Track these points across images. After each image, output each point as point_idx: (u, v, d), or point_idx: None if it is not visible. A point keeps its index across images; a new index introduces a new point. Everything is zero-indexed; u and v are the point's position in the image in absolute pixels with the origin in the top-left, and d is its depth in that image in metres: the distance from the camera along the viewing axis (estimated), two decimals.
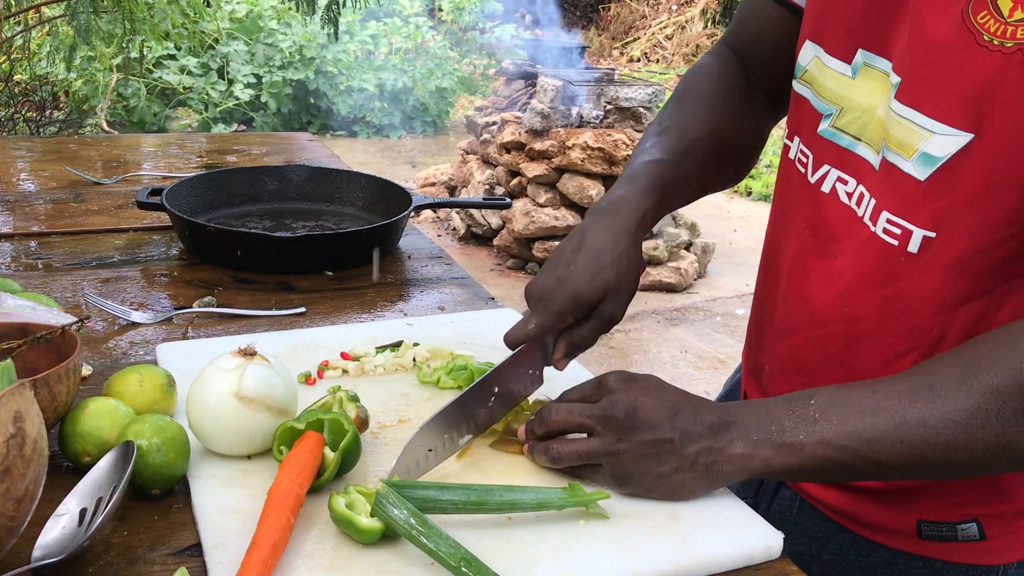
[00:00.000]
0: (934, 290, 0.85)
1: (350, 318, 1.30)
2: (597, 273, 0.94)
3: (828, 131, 0.93)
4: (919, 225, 0.84)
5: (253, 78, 7.84)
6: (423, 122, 8.70)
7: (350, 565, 0.76)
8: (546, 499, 0.83)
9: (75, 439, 0.86)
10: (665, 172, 1.03)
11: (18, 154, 2.15)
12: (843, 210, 0.92)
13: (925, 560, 0.94)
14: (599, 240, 0.96)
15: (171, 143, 2.37)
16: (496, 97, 6.04)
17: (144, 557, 0.78)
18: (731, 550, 0.82)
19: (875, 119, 0.88)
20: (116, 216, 1.68)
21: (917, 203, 0.83)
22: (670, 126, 1.09)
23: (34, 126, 6.07)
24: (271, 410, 0.89)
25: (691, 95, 1.13)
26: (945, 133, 0.79)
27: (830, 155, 0.93)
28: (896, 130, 0.84)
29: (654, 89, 5.27)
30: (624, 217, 0.98)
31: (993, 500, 0.91)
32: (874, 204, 0.88)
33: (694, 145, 1.07)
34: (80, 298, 1.29)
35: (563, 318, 0.95)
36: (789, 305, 1.00)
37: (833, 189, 0.93)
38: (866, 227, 0.89)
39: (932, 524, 0.93)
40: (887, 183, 0.86)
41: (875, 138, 0.88)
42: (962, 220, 0.81)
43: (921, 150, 0.81)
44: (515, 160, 5.15)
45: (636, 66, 11.40)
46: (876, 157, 0.88)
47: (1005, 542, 0.93)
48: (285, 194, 1.75)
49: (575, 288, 0.94)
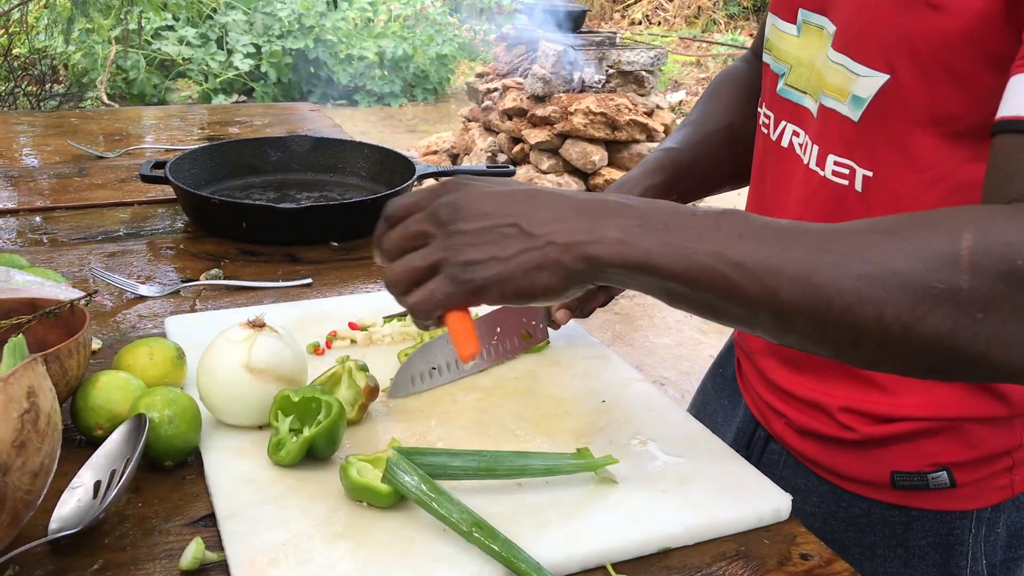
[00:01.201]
0: None
1: (357, 288, 1.30)
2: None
3: (783, 89, 0.98)
4: (860, 164, 0.88)
5: (252, 48, 7.79)
6: (424, 90, 8.65)
7: (364, 532, 0.77)
8: (555, 464, 0.84)
9: (87, 413, 0.87)
10: (675, 158, 1.10)
11: (20, 129, 2.14)
12: (796, 161, 0.96)
13: (900, 508, 0.97)
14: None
15: (172, 115, 2.36)
16: (497, 63, 6.00)
17: (159, 528, 0.79)
18: (740, 512, 0.82)
19: (814, 71, 0.92)
20: (120, 190, 1.68)
21: (855, 143, 0.88)
22: (690, 122, 1.17)
23: (34, 100, 6.05)
24: (281, 380, 0.90)
25: (716, 95, 1.21)
26: (867, 75, 0.84)
27: (785, 111, 0.98)
28: (832, 77, 0.88)
29: (656, 52, 5.23)
30: (627, 189, 1.06)
31: (961, 449, 0.94)
32: (817, 150, 0.92)
33: (709, 136, 1.14)
34: (87, 272, 1.30)
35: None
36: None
37: (790, 143, 0.98)
38: (815, 173, 0.92)
39: (904, 475, 0.95)
40: (827, 127, 0.90)
41: (813, 88, 0.93)
42: (892, 158, 0.85)
43: (852, 92, 0.86)
44: (517, 126, 5.13)
45: (638, 29, 11.30)
46: (814, 105, 0.92)
47: (974, 489, 0.95)
48: (288, 165, 1.75)
49: None
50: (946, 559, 0.97)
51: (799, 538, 0.82)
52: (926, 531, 0.97)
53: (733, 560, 0.78)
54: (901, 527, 0.97)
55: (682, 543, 0.80)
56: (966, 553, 0.97)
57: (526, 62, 5.58)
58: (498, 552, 0.72)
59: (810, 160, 0.93)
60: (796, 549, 0.80)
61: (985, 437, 0.93)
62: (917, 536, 0.97)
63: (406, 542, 0.76)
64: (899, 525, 0.97)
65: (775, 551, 0.80)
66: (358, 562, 0.73)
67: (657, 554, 0.79)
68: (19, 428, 0.65)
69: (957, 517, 0.96)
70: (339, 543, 0.75)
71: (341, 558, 0.74)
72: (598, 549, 0.77)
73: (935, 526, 0.96)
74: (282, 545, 0.75)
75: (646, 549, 0.78)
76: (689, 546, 0.80)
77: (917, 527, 0.97)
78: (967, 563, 0.97)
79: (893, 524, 0.98)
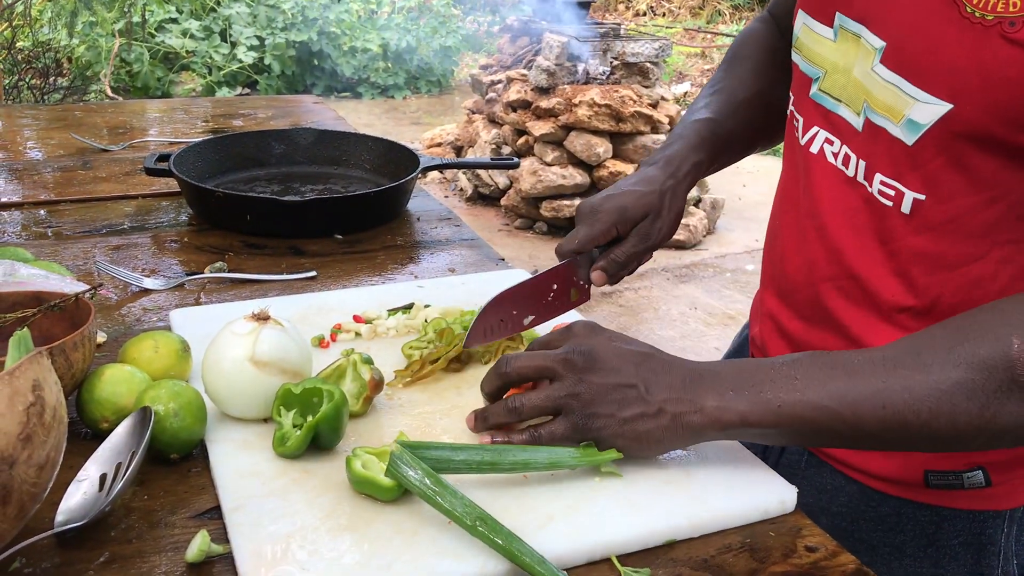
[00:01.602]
0: (927, 251, 0.87)
1: (361, 281, 1.30)
2: (644, 195, 1.06)
3: (816, 94, 0.96)
4: (910, 188, 0.86)
5: (256, 40, 7.78)
6: (428, 82, 8.64)
7: (368, 525, 0.77)
8: (559, 458, 0.83)
9: (93, 406, 0.87)
10: (715, 129, 1.13)
11: (24, 122, 2.14)
12: (830, 170, 0.94)
13: (932, 508, 0.96)
14: (651, 174, 1.09)
15: (176, 108, 2.36)
16: (501, 55, 5.99)
17: (165, 520, 0.79)
18: (745, 505, 0.82)
19: (852, 80, 0.90)
20: (124, 183, 1.68)
21: (907, 166, 0.85)
22: (721, 88, 1.18)
23: (38, 93, 6.05)
24: (286, 373, 0.90)
25: (740, 58, 1.22)
26: (927, 101, 0.81)
27: (818, 117, 0.96)
28: (882, 94, 0.85)
29: (661, 43, 5.21)
30: (675, 166, 1.10)
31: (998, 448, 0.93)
32: (864, 165, 0.90)
33: (742, 105, 1.16)
34: (92, 266, 1.30)
35: (608, 228, 1.05)
36: (787, 265, 1.03)
37: (821, 150, 0.95)
38: (862, 186, 0.90)
39: (939, 473, 0.94)
40: (875, 146, 0.88)
41: (854, 99, 0.90)
42: (949, 182, 0.84)
43: (907, 116, 0.83)
44: (521, 119, 5.12)
45: (642, 20, 11.27)
46: (857, 119, 0.90)
47: (1009, 487, 0.94)
48: (292, 158, 1.75)
49: (622, 202, 1.06)
50: (977, 559, 0.96)
51: (804, 530, 0.82)
52: (958, 531, 0.95)
53: (738, 552, 0.78)
54: (932, 527, 0.96)
55: (687, 535, 0.80)
56: (998, 553, 0.95)
57: (530, 54, 5.56)
58: (502, 545, 0.72)
59: (857, 174, 0.91)
60: (801, 541, 0.80)
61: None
62: (948, 536, 0.96)
63: (410, 535, 0.76)
64: (930, 525, 0.96)
65: (780, 543, 0.80)
66: (363, 554, 0.73)
67: (662, 546, 0.79)
68: (25, 421, 0.65)
69: (990, 516, 0.95)
70: (344, 535, 0.76)
71: (346, 550, 0.74)
72: (603, 541, 0.77)
73: (967, 526, 0.95)
74: (287, 537, 0.75)
75: (651, 541, 0.78)
76: (694, 538, 0.80)
77: (948, 527, 0.96)
78: (999, 563, 0.96)
79: (924, 524, 0.96)
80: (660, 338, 3.91)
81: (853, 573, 0.77)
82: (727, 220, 5.35)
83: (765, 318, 1.10)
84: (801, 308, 1.01)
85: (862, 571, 0.77)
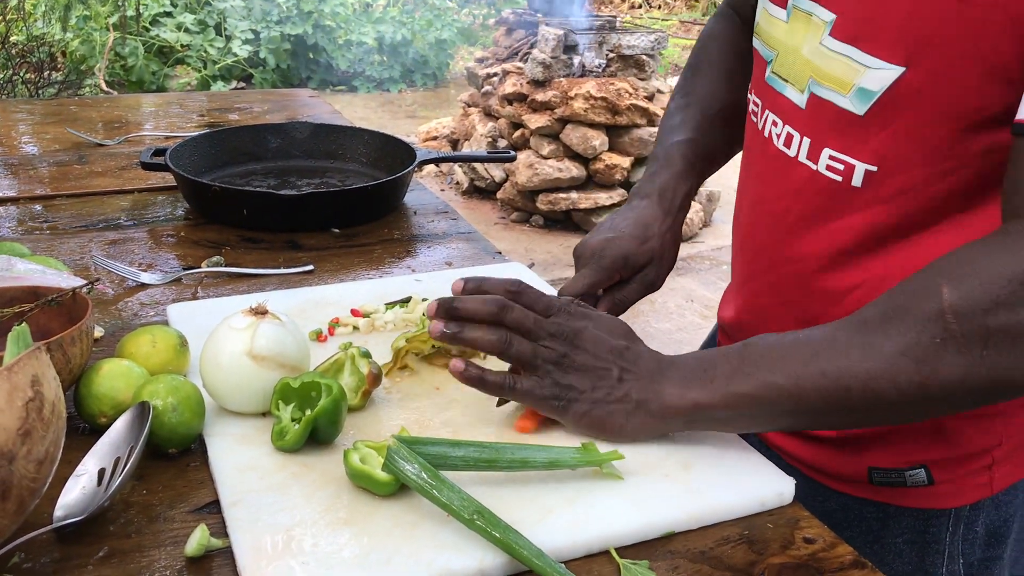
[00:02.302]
0: (878, 223, 0.87)
1: (358, 275, 1.30)
2: (646, 240, 1.06)
3: (769, 77, 0.96)
4: (861, 159, 0.86)
5: (251, 34, 7.76)
6: (423, 75, 8.62)
7: (367, 518, 0.77)
8: (558, 458, 0.83)
9: (91, 400, 0.87)
10: (697, 150, 1.13)
11: (19, 117, 2.14)
12: (776, 153, 0.95)
13: (878, 505, 0.96)
14: (648, 215, 1.08)
15: (171, 102, 2.36)
16: (497, 48, 5.98)
17: (164, 515, 0.79)
18: (743, 497, 0.83)
19: (799, 59, 0.90)
20: (120, 177, 1.68)
21: (857, 138, 0.85)
22: (693, 100, 1.17)
23: (33, 88, 6.03)
24: (284, 368, 0.90)
25: (708, 63, 1.20)
26: (878, 67, 0.81)
27: (768, 100, 0.97)
28: (830, 67, 0.86)
29: (657, 36, 5.21)
30: (668, 201, 1.09)
31: (939, 446, 0.93)
32: (809, 143, 0.90)
33: (717, 118, 1.15)
34: (88, 260, 1.30)
35: (611, 274, 1.03)
36: (745, 254, 1.05)
37: (769, 134, 0.96)
38: (805, 166, 0.91)
39: (881, 471, 0.95)
40: (819, 121, 0.88)
41: (799, 77, 0.90)
42: (902, 152, 0.83)
43: (858, 85, 0.83)
44: (517, 112, 5.11)
45: (638, 12, 11.26)
46: (801, 96, 0.90)
47: (952, 487, 0.94)
48: (288, 152, 1.74)
49: (626, 250, 1.04)
50: (922, 557, 0.96)
51: (802, 522, 0.82)
52: (903, 528, 0.96)
53: (737, 544, 0.79)
54: (877, 523, 0.96)
55: (685, 527, 0.80)
56: (943, 551, 0.95)
57: (526, 47, 5.56)
58: (500, 539, 0.72)
59: (799, 153, 0.91)
60: (799, 533, 0.81)
61: (965, 435, 0.92)
62: (893, 533, 0.96)
63: (410, 528, 0.76)
64: (875, 521, 0.97)
65: (778, 535, 0.80)
66: (362, 548, 0.74)
67: (661, 539, 0.79)
68: (24, 416, 0.65)
69: (934, 515, 0.95)
70: (343, 529, 0.76)
71: (345, 544, 0.74)
72: (602, 534, 0.77)
73: (912, 523, 0.95)
74: (286, 531, 0.75)
75: (650, 534, 0.78)
76: (693, 530, 0.80)
77: (893, 524, 0.96)
78: (943, 561, 0.96)
79: (869, 520, 0.97)
80: (657, 331, 3.91)
81: (851, 564, 0.77)
82: (723, 213, 5.35)
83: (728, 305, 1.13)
84: (759, 296, 1.03)
85: (860, 562, 0.77)
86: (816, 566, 0.77)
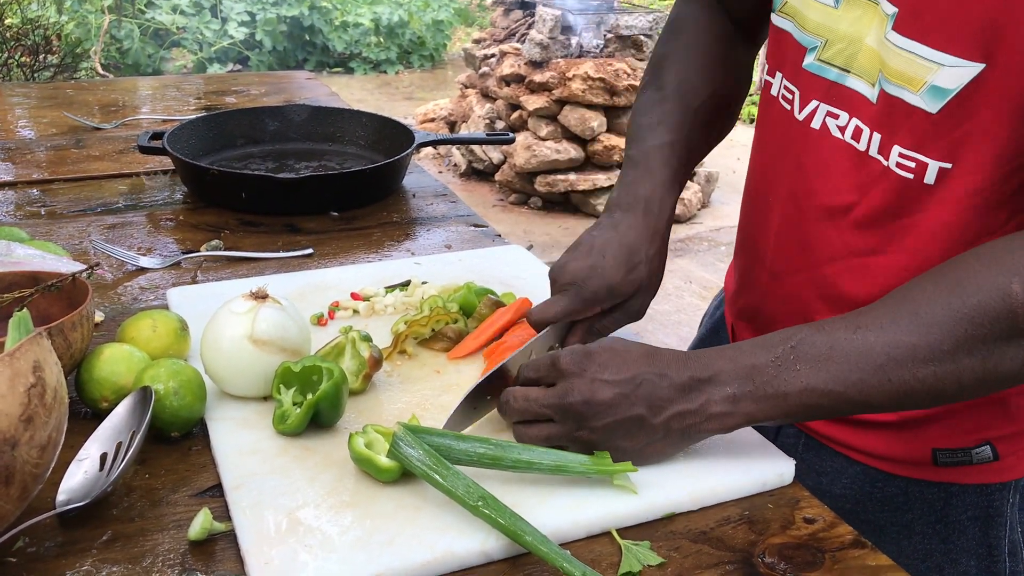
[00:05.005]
0: (949, 222, 0.84)
1: (358, 258, 1.30)
2: (632, 268, 0.95)
3: (814, 65, 0.90)
4: (934, 157, 0.82)
5: (247, 16, 7.71)
6: (420, 56, 8.58)
7: (370, 501, 0.77)
8: (566, 463, 0.80)
9: (92, 385, 0.87)
10: (679, 153, 1.03)
11: (15, 101, 2.13)
12: (839, 145, 0.89)
13: (940, 485, 0.95)
14: (634, 237, 0.97)
15: (168, 85, 2.34)
16: (494, 29, 5.94)
17: (166, 499, 0.79)
18: (744, 478, 0.83)
19: (864, 49, 0.85)
20: (118, 161, 1.67)
21: (931, 136, 0.81)
22: (669, 94, 1.06)
23: (28, 71, 5.99)
24: (285, 351, 0.90)
25: (683, 51, 1.10)
26: (954, 65, 0.77)
27: (818, 90, 0.91)
28: (896, 63, 0.81)
29: (654, 16, 5.18)
30: (655, 216, 0.99)
31: (1002, 422, 0.93)
32: (880, 138, 0.85)
33: (698, 114, 1.06)
34: (87, 245, 1.30)
35: (591, 306, 0.95)
36: (784, 246, 0.98)
37: (823, 125, 0.90)
38: (877, 162, 0.86)
39: (947, 451, 0.94)
40: (892, 117, 0.84)
41: (868, 69, 0.85)
42: (978, 150, 0.80)
43: (930, 83, 0.79)
44: (515, 93, 5.09)
45: None
46: (871, 90, 0.85)
47: (1014, 459, 0.95)
48: (286, 135, 1.74)
49: (611, 280, 0.94)
50: (985, 531, 0.96)
51: (803, 502, 0.82)
52: (967, 505, 0.95)
53: (737, 524, 0.79)
54: (941, 503, 0.96)
55: (687, 508, 0.80)
56: (1004, 523, 0.96)
57: (523, 27, 5.53)
58: (505, 526, 0.73)
59: (869, 148, 0.86)
60: (800, 513, 0.81)
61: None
62: (958, 511, 0.96)
63: (413, 511, 0.76)
64: (938, 501, 0.96)
65: (779, 515, 0.81)
66: (365, 531, 0.74)
67: (662, 519, 0.79)
68: (26, 402, 0.65)
69: (996, 489, 0.95)
70: (346, 512, 0.76)
71: (349, 526, 0.74)
72: (603, 515, 0.77)
73: (976, 500, 0.95)
74: (289, 514, 0.75)
75: (651, 515, 0.79)
76: (694, 511, 0.80)
77: (957, 502, 0.95)
78: (1006, 532, 0.96)
79: (932, 501, 0.96)
80: (655, 312, 3.92)
81: (851, 544, 0.78)
82: (721, 193, 5.34)
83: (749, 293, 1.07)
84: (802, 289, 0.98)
85: (860, 542, 0.78)
86: (816, 546, 0.77)
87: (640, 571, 0.73)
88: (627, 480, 0.80)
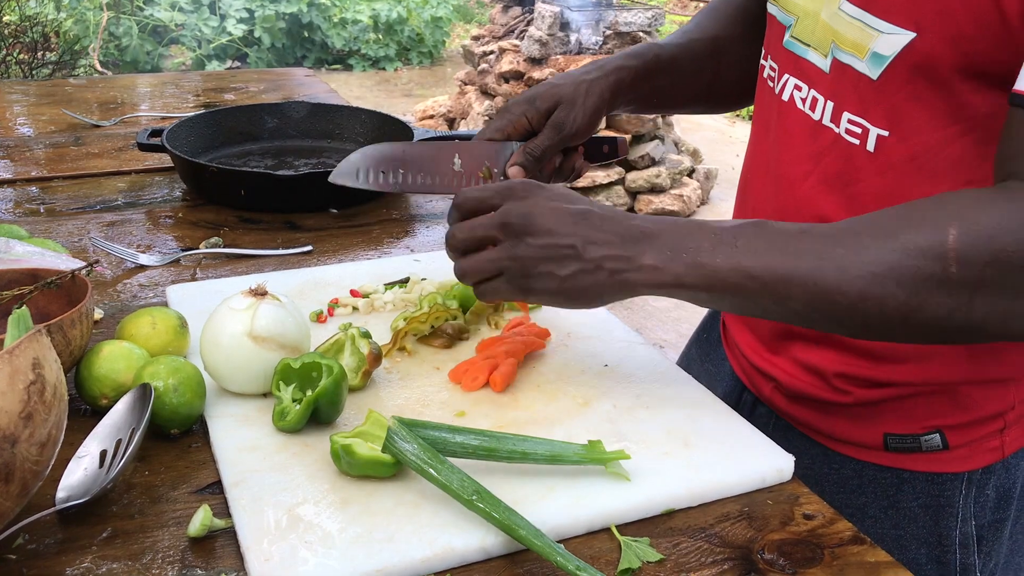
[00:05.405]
0: (891, 190, 0.87)
1: (357, 255, 1.30)
2: (555, 86, 1.08)
3: (789, 41, 0.96)
4: (874, 124, 0.87)
5: (245, 12, 7.71)
6: (419, 53, 8.58)
7: (369, 498, 0.77)
8: (561, 453, 0.81)
9: (92, 382, 0.87)
10: (656, 51, 1.13)
11: (13, 98, 2.12)
12: (800, 116, 0.94)
13: (892, 471, 0.97)
14: (573, 72, 1.10)
15: (167, 82, 2.34)
16: (493, 25, 5.94)
17: (166, 496, 0.79)
18: (743, 474, 0.83)
19: (820, 23, 0.90)
20: (117, 158, 1.67)
21: (872, 101, 0.86)
22: (681, 31, 1.18)
23: (27, 69, 5.99)
24: (284, 348, 0.90)
25: (710, 10, 1.21)
26: (890, 32, 0.82)
27: (789, 64, 0.96)
28: (848, 32, 0.87)
29: (653, 13, 5.18)
30: (599, 65, 1.10)
31: (954, 412, 0.94)
32: (832, 106, 0.90)
33: (694, 42, 1.15)
34: (86, 242, 1.30)
35: (517, 118, 1.07)
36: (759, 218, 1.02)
37: (791, 97, 0.96)
38: (829, 130, 0.91)
39: (897, 436, 0.96)
40: (841, 84, 0.89)
41: (821, 42, 0.91)
42: (912, 117, 0.84)
43: (872, 50, 0.84)
44: (514, 89, 5.09)
45: None
46: (824, 61, 0.91)
47: (966, 451, 0.96)
48: (285, 132, 1.74)
49: (531, 94, 1.08)
50: (936, 520, 0.97)
51: (802, 498, 0.82)
52: (917, 493, 0.97)
53: (736, 521, 0.79)
54: (892, 489, 0.98)
55: (685, 504, 0.80)
56: (956, 515, 0.97)
57: (522, 24, 5.53)
58: (499, 519, 0.73)
59: (823, 116, 0.91)
60: (799, 509, 0.81)
61: (979, 399, 0.93)
62: (908, 498, 0.97)
63: (412, 507, 0.76)
64: (890, 487, 0.98)
65: (778, 511, 0.81)
66: (365, 527, 0.74)
67: (661, 515, 0.79)
68: (26, 400, 0.65)
69: (948, 479, 0.96)
70: (345, 508, 0.76)
71: (347, 523, 0.74)
72: (602, 511, 0.77)
73: (926, 488, 0.97)
74: (288, 511, 0.76)
75: (650, 511, 0.79)
76: (693, 507, 0.80)
77: (908, 489, 0.97)
78: (956, 524, 0.97)
79: (885, 486, 0.98)
80: (655, 308, 3.92)
81: (850, 540, 0.78)
82: (720, 190, 5.34)
83: None
84: None
85: (859, 538, 0.78)
86: (815, 542, 0.77)
87: (639, 567, 0.73)
88: (620, 468, 0.81)
